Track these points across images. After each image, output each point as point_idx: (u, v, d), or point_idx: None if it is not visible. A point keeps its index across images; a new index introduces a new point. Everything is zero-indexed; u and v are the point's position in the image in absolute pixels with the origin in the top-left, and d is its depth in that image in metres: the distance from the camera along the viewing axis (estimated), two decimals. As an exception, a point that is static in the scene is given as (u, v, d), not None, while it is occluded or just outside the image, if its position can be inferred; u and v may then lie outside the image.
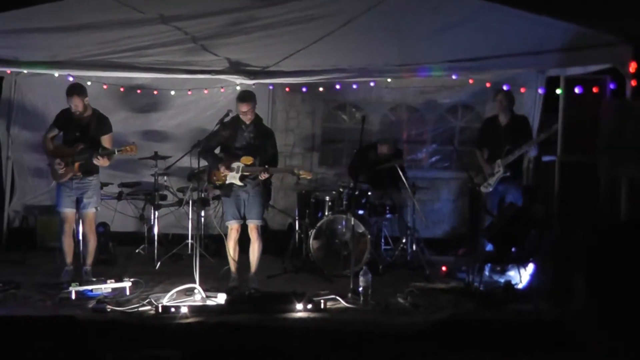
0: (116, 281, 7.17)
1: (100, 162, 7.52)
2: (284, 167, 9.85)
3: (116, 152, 7.60)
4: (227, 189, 7.47)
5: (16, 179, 9.92)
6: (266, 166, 7.35)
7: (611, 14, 7.16)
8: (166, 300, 6.72)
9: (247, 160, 7.39)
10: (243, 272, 7.64)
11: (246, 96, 7.43)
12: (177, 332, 6.15)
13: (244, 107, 7.36)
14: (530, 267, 7.71)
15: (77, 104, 7.52)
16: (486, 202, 8.26)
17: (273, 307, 6.66)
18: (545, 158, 8.82)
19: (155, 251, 8.86)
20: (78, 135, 7.60)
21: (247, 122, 7.44)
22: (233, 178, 7.42)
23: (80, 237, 7.99)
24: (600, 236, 5.60)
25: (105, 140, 7.66)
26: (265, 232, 7.81)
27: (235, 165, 7.41)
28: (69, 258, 7.74)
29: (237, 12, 7.44)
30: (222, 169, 7.41)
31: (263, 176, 7.34)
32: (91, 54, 7.70)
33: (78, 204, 7.70)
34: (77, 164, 7.53)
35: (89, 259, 7.76)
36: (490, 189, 8.25)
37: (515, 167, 8.25)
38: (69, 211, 7.68)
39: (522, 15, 7.29)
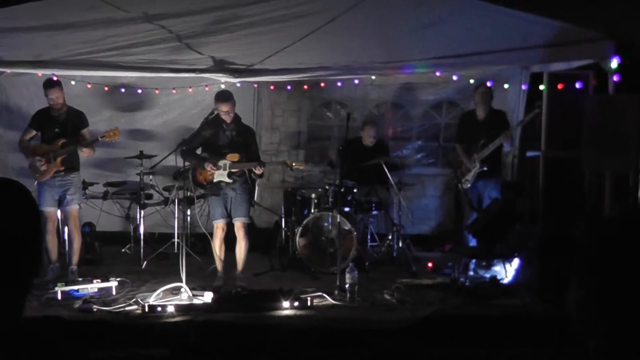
0: (102, 281, 7.17)
1: (86, 152, 7.55)
2: (275, 160, 9.89)
3: (99, 139, 7.64)
4: (215, 188, 7.48)
5: (0, 179, 9.87)
6: (262, 161, 7.38)
7: (593, 10, 7.23)
8: (153, 299, 6.72)
9: (234, 157, 7.40)
10: (230, 270, 7.64)
11: (227, 96, 7.46)
12: (164, 331, 6.15)
13: (225, 107, 7.37)
14: (516, 262, 7.75)
15: (58, 96, 7.54)
16: (469, 197, 8.27)
17: (260, 305, 6.68)
18: (530, 153, 8.85)
19: (142, 250, 8.84)
20: (57, 132, 7.60)
21: (228, 121, 7.45)
22: (221, 175, 7.42)
23: (66, 236, 7.97)
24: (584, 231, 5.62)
25: (86, 134, 7.69)
26: (251, 230, 7.81)
27: (222, 162, 7.41)
28: (54, 255, 7.72)
29: (221, 10, 7.45)
30: (209, 167, 7.40)
31: (259, 170, 7.35)
32: (75, 53, 7.66)
33: (60, 202, 7.68)
34: (59, 159, 7.52)
35: (75, 258, 7.75)
36: (469, 185, 8.25)
37: (492, 162, 8.23)
38: (51, 210, 7.66)
39: (506, 12, 7.34)
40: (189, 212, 9.09)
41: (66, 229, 7.96)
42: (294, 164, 7.66)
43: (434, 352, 5.91)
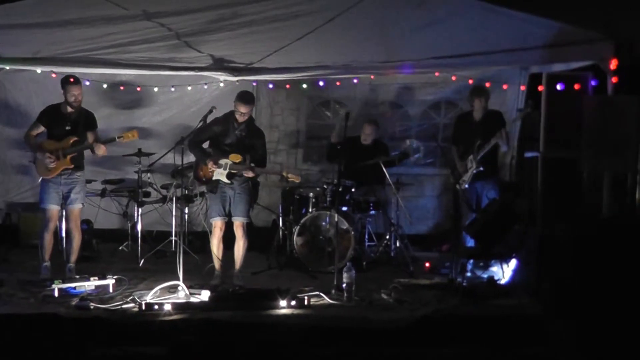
0: (100, 278, 7.15)
1: (101, 150, 7.50)
2: (272, 168, 9.85)
3: (116, 139, 7.62)
4: (213, 185, 7.46)
5: (-1, 175, 9.89)
6: (252, 164, 7.33)
7: (593, 12, 7.23)
8: (150, 297, 6.70)
9: (236, 157, 7.37)
10: (227, 269, 7.64)
11: (249, 98, 7.40)
12: (161, 329, 6.13)
13: (245, 109, 7.33)
14: (513, 262, 7.75)
15: (79, 93, 7.51)
16: (467, 197, 8.25)
17: (257, 304, 6.66)
18: (528, 154, 8.86)
19: (139, 248, 8.82)
20: (68, 130, 7.56)
21: (240, 121, 7.42)
22: (220, 175, 7.41)
23: (64, 234, 7.95)
24: (582, 231, 5.66)
25: (91, 135, 7.66)
26: (249, 229, 7.80)
27: (223, 161, 7.39)
28: (48, 254, 7.67)
29: (221, 8, 7.46)
30: (210, 164, 7.39)
31: (247, 174, 7.33)
32: (74, 50, 7.68)
33: (64, 200, 7.66)
34: (69, 157, 7.50)
35: (73, 256, 7.72)
36: (466, 186, 8.21)
37: (489, 163, 8.18)
38: (55, 208, 7.63)
39: (505, 13, 7.36)
40: (186, 210, 9.09)
41: (63, 226, 7.92)
42: (289, 177, 7.62)
43: (431, 352, 5.91)
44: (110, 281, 7.17)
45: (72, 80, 7.52)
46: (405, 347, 5.95)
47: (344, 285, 7.00)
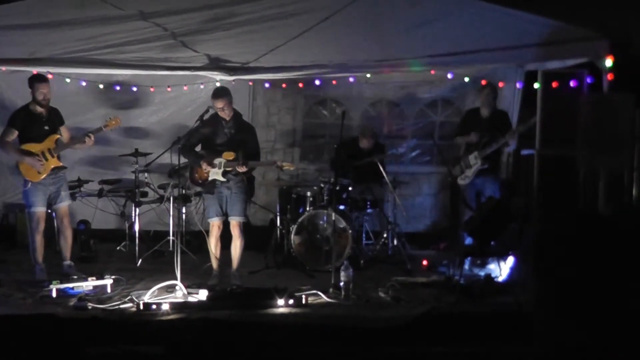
0: (97, 279, 7.16)
1: (89, 142, 7.54)
2: (265, 160, 9.86)
3: (102, 129, 7.73)
4: (210, 186, 7.48)
5: (-5, 176, 9.88)
6: (244, 159, 7.32)
7: (588, 9, 7.24)
8: (148, 297, 6.71)
9: (229, 155, 7.39)
10: (225, 268, 7.65)
11: (221, 92, 7.44)
12: (159, 329, 6.15)
13: (220, 104, 7.37)
14: (510, 260, 7.76)
15: (48, 91, 7.55)
16: (464, 195, 8.28)
17: (255, 303, 6.68)
18: (524, 151, 8.87)
19: (137, 248, 8.83)
20: (47, 129, 7.58)
21: (227, 119, 7.45)
22: (216, 174, 7.42)
23: (59, 234, 7.95)
24: (577, 229, 5.66)
25: (65, 130, 7.72)
26: (247, 228, 7.81)
27: (217, 161, 7.41)
28: (41, 256, 7.67)
29: (217, 8, 7.45)
30: (205, 165, 7.40)
31: (241, 169, 7.33)
32: (70, 50, 7.66)
33: (52, 200, 7.68)
34: (56, 156, 7.54)
35: (69, 253, 7.76)
36: (468, 181, 8.27)
37: (492, 159, 8.26)
38: (44, 210, 7.65)
39: (501, 10, 7.35)
40: (184, 210, 9.09)
41: (56, 225, 7.92)
42: (284, 165, 7.63)
43: (428, 350, 5.92)
44: (108, 281, 7.17)
45: (41, 77, 7.56)
46: (403, 345, 5.96)
47: (342, 283, 7.02)
